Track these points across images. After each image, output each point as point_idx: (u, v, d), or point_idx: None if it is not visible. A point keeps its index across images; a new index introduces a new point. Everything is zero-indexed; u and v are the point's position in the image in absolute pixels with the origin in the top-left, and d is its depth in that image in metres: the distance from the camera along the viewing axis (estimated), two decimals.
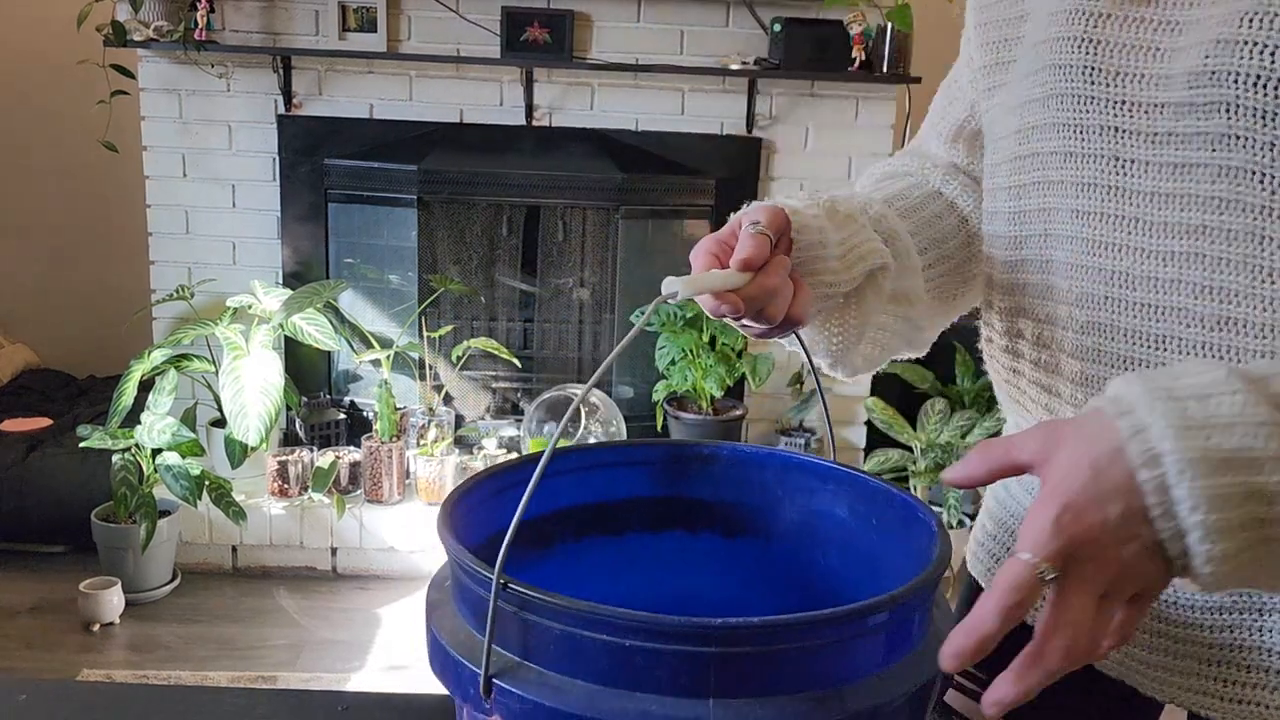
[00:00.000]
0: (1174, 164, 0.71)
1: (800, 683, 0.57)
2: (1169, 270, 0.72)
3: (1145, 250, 0.73)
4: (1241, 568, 0.56)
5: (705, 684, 0.56)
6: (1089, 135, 0.75)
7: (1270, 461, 0.54)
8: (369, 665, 2.90)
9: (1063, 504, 0.55)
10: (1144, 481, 0.55)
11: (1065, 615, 0.55)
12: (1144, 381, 0.57)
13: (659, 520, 0.81)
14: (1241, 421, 0.55)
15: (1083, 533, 0.55)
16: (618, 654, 0.55)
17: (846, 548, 0.76)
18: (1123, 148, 0.74)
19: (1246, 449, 0.54)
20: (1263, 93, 0.65)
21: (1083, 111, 0.75)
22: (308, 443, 3.51)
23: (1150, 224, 0.73)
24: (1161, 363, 0.73)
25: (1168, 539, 0.55)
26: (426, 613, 0.65)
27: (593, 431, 3.44)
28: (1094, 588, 0.55)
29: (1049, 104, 0.78)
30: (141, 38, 3.28)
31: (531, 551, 0.75)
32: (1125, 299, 0.75)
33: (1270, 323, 0.68)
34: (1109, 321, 0.76)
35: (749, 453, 0.80)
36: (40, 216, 4.37)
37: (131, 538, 3.07)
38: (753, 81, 3.48)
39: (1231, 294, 0.69)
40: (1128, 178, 0.74)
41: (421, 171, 3.42)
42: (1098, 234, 0.76)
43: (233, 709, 0.98)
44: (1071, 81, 0.75)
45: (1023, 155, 0.82)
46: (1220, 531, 0.54)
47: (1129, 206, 0.74)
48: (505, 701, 0.58)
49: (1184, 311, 0.72)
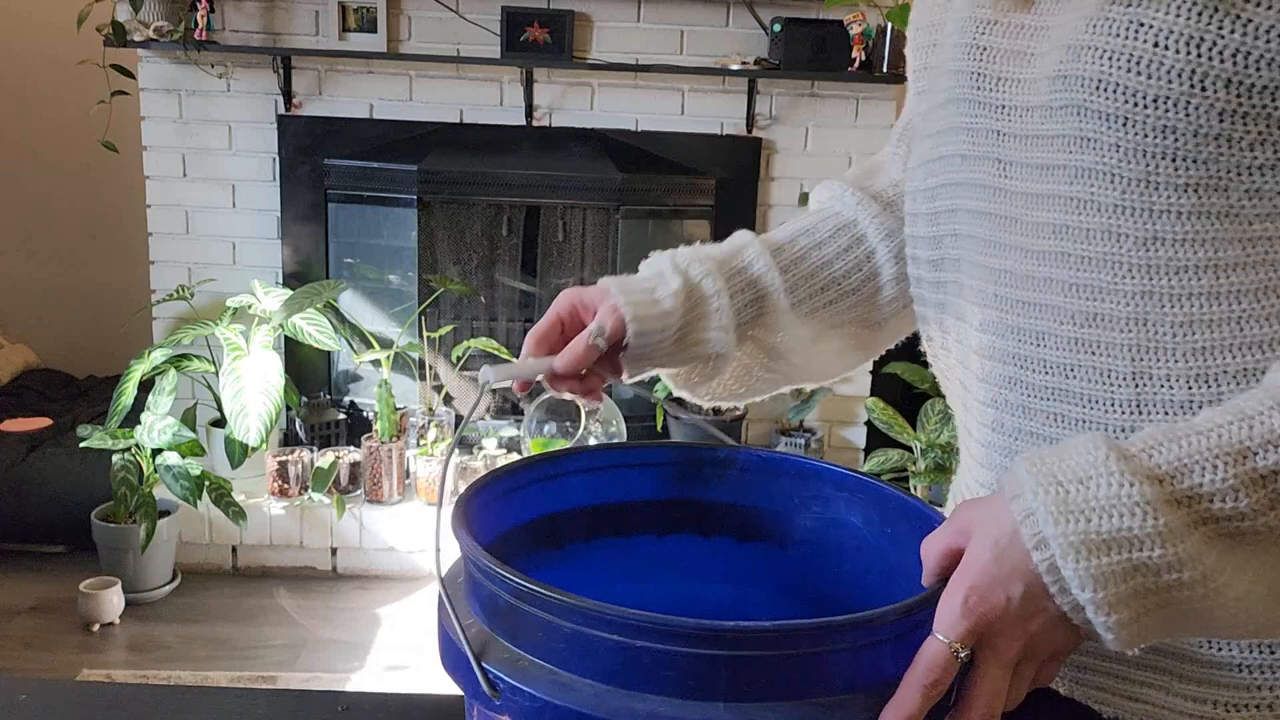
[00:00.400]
0: (1041, 165, 0.73)
1: (812, 689, 0.57)
2: (1042, 269, 0.74)
3: (1023, 249, 0.76)
4: (1147, 630, 0.60)
5: (716, 687, 0.56)
6: (978, 138, 0.78)
7: (1148, 539, 0.58)
8: (369, 665, 2.90)
9: (969, 586, 0.60)
10: (1038, 563, 0.59)
11: (981, 686, 0.60)
12: (1031, 465, 0.62)
13: (671, 523, 0.81)
14: (1119, 503, 0.59)
15: (988, 612, 0.60)
16: (629, 654, 0.56)
17: (860, 555, 0.77)
18: (1004, 150, 0.76)
19: (1125, 529, 0.58)
20: (1107, 96, 0.67)
21: (973, 116, 0.78)
22: (308, 443, 3.51)
23: (1026, 224, 0.75)
24: (1042, 360, 0.76)
25: (1069, 611, 0.60)
26: (438, 609, 0.65)
27: (593, 432, 3.44)
28: (1006, 659, 0.60)
29: (948, 109, 0.80)
30: (141, 38, 3.28)
31: (542, 550, 0.75)
32: (1010, 297, 0.77)
33: (1134, 316, 0.71)
34: (998, 319, 0.79)
35: (764, 458, 0.80)
36: (40, 216, 4.37)
37: (131, 538, 3.07)
38: (753, 81, 3.48)
39: (1096, 290, 0.72)
40: (1008, 179, 0.76)
41: (421, 171, 3.42)
42: (989, 233, 0.78)
43: (233, 709, 0.98)
44: (963, 87, 0.78)
45: (933, 159, 0.84)
46: (1112, 604, 0.58)
47: (1010, 207, 0.76)
48: (515, 699, 0.58)
49: (1056, 309, 0.74)
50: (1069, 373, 0.74)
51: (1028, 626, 0.60)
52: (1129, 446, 0.61)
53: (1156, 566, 0.58)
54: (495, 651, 0.60)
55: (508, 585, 0.59)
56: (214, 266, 3.57)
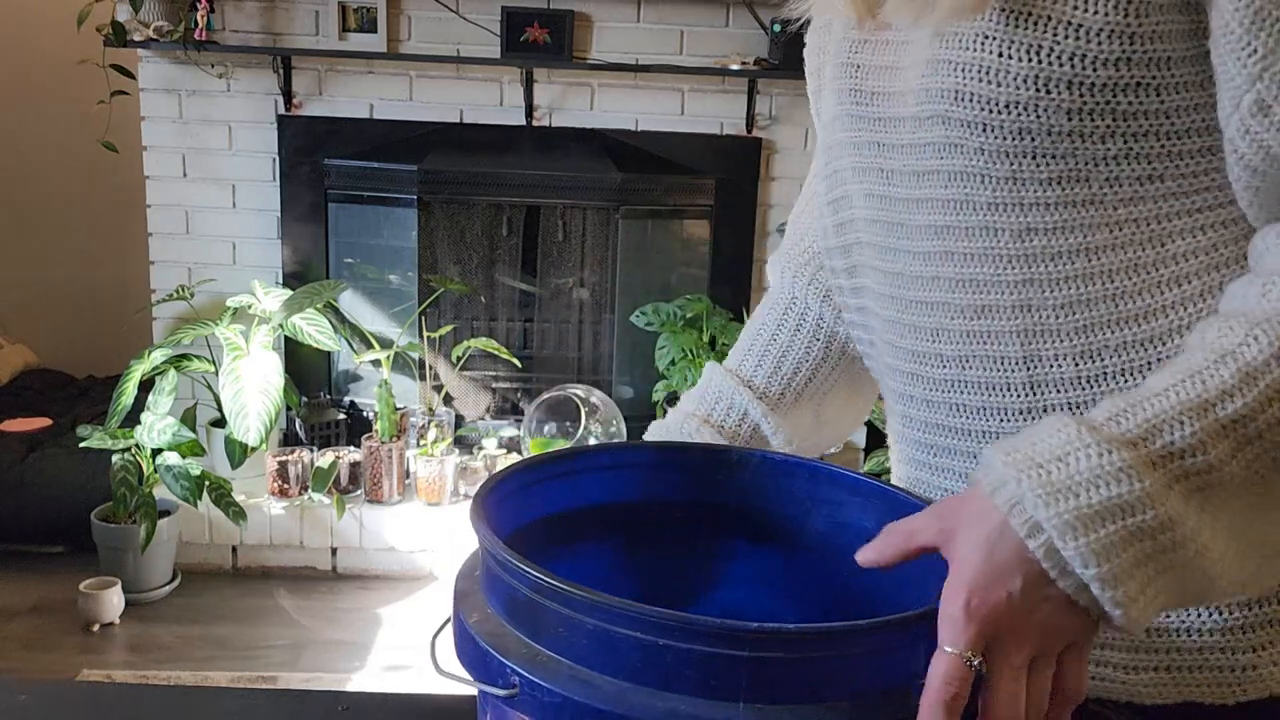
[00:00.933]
0: (918, 171, 0.77)
1: (832, 692, 0.57)
2: (929, 268, 0.78)
3: (910, 251, 0.80)
4: (1154, 600, 0.60)
5: (736, 687, 0.56)
6: (862, 150, 0.83)
7: (1138, 503, 0.59)
8: (369, 665, 2.90)
9: (968, 590, 0.59)
10: (1035, 549, 0.59)
11: (1000, 692, 0.59)
12: (1004, 454, 0.62)
13: (684, 523, 0.81)
14: (1103, 474, 0.60)
15: (992, 612, 0.59)
16: (651, 652, 0.56)
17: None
18: (885, 160, 0.80)
19: (1115, 497, 0.59)
20: (965, 105, 0.72)
21: (855, 130, 0.83)
22: (308, 443, 3.51)
23: (910, 227, 0.79)
24: (939, 354, 0.79)
25: (1074, 593, 0.60)
26: (454, 602, 0.65)
27: (593, 432, 3.44)
28: (1020, 658, 0.59)
29: (835, 125, 0.86)
30: (141, 38, 3.27)
31: (554, 547, 0.75)
32: (904, 297, 0.81)
33: (1018, 303, 0.75)
34: (898, 318, 0.83)
35: (778, 460, 0.80)
36: (40, 217, 4.36)
37: (131, 538, 3.07)
38: (753, 81, 3.48)
39: (980, 284, 0.76)
40: (892, 186, 0.80)
41: (421, 171, 3.42)
42: (881, 239, 0.83)
43: (233, 709, 0.98)
44: (844, 103, 0.83)
45: (829, 173, 0.89)
46: (1117, 577, 0.59)
47: (895, 213, 0.80)
48: (534, 695, 0.58)
49: (946, 305, 0.78)
50: (964, 363, 0.78)
51: (1034, 619, 0.59)
52: (1094, 419, 0.63)
53: (1151, 529, 0.59)
54: (513, 647, 0.60)
55: (529, 580, 0.59)
56: (214, 266, 3.57)
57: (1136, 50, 0.68)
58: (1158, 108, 0.70)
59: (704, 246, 3.67)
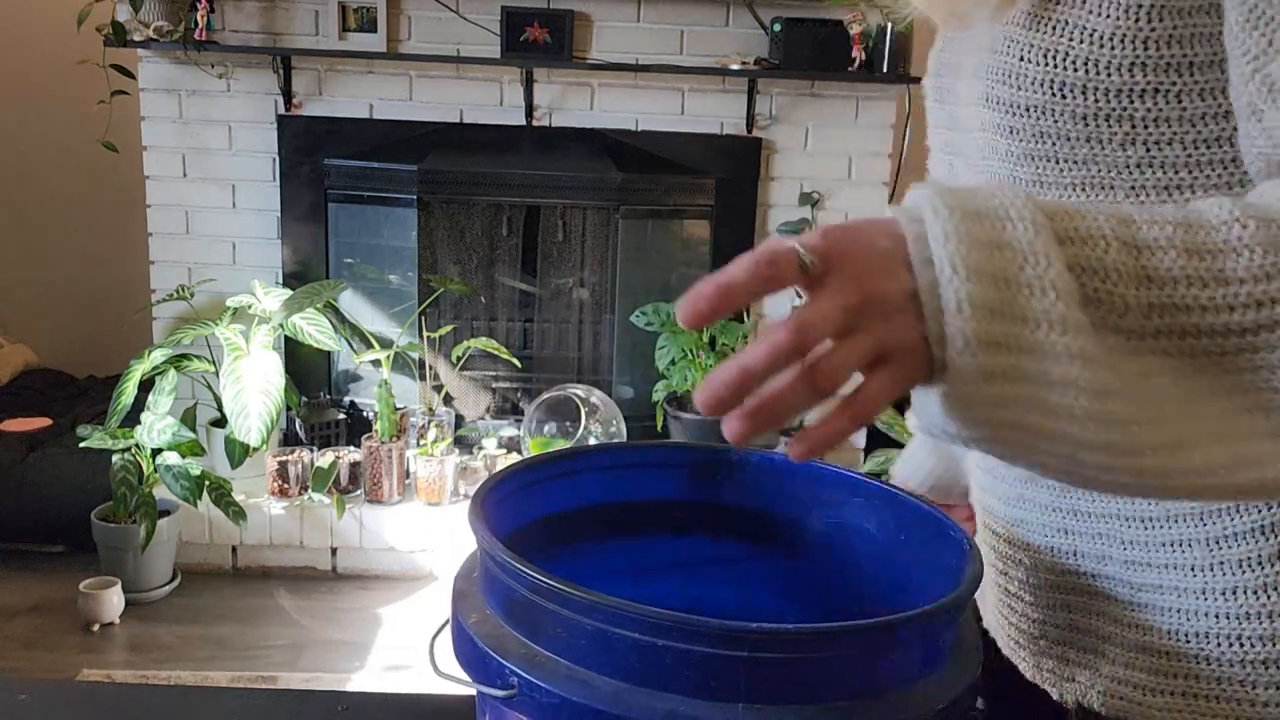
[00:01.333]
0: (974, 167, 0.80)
1: (830, 693, 0.57)
2: None
3: None
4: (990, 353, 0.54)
5: (736, 688, 0.56)
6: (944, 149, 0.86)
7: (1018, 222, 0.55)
8: (369, 665, 2.90)
9: (837, 228, 0.56)
10: (907, 227, 0.55)
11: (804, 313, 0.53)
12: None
13: (684, 524, 0.81)
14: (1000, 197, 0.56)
15: (847, 248, 0.55)
16: (650, 653, 0.56)
17: (873, 562, 0.77)
18: (955, 157, 0.84)
19: (1000, 208, 0.55)
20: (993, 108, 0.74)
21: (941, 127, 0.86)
22: (308, 443, 3.51)
23: None
24: None
25: (923, 290, 0.54)
26: (453, 602, 0.65)
27: (593, 432, 3.44)
28: (841, 299, 0.54)
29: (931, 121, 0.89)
30: (141, 38, 3.27)
31: (554, 547, 0.75)
32: None
33: None
34: None
35: (778, 461, 0.80)
36: (40, 217, 4.36)
37: (131, 538, 3.07)
38: (753, 81, 3.48)
39: None
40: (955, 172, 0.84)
41: (421, 171, 3.42)
42: None
43: (233, 709, 0.99)
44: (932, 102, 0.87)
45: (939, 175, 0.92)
46: (969, 270, 0.53)
47: None
48: (532, 695, 0.58)
49: None
50: None
51: (874, 283, 0.54)
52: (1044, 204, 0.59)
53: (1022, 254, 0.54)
54: (512, 647, 0.60)
55: (527, 581, 0.59)
56: (214, 266, 3.57)
57: (1151, 55, 0.67)
58: (1179, 114, 0.68)
59: (704, 246, 3.67)
